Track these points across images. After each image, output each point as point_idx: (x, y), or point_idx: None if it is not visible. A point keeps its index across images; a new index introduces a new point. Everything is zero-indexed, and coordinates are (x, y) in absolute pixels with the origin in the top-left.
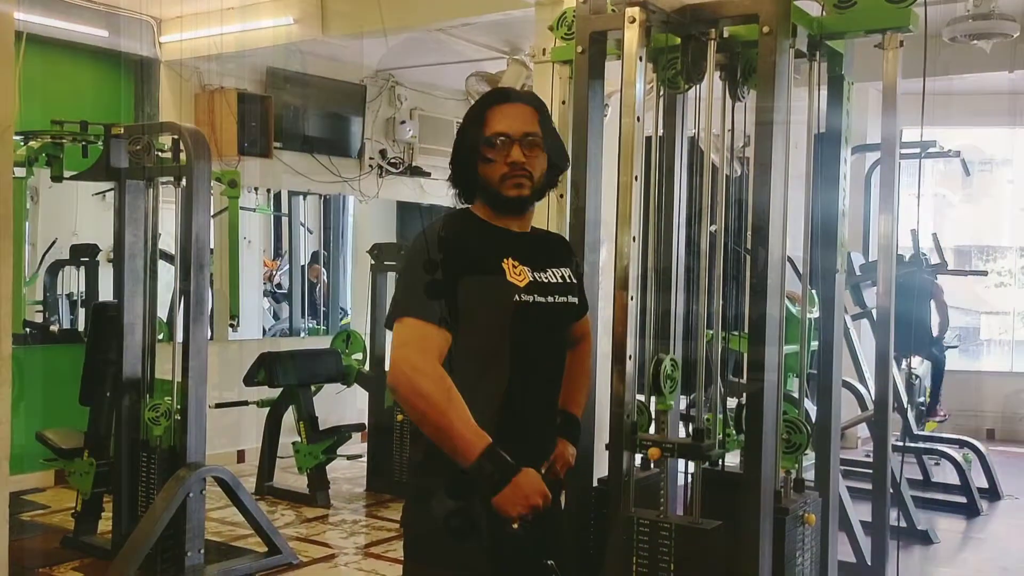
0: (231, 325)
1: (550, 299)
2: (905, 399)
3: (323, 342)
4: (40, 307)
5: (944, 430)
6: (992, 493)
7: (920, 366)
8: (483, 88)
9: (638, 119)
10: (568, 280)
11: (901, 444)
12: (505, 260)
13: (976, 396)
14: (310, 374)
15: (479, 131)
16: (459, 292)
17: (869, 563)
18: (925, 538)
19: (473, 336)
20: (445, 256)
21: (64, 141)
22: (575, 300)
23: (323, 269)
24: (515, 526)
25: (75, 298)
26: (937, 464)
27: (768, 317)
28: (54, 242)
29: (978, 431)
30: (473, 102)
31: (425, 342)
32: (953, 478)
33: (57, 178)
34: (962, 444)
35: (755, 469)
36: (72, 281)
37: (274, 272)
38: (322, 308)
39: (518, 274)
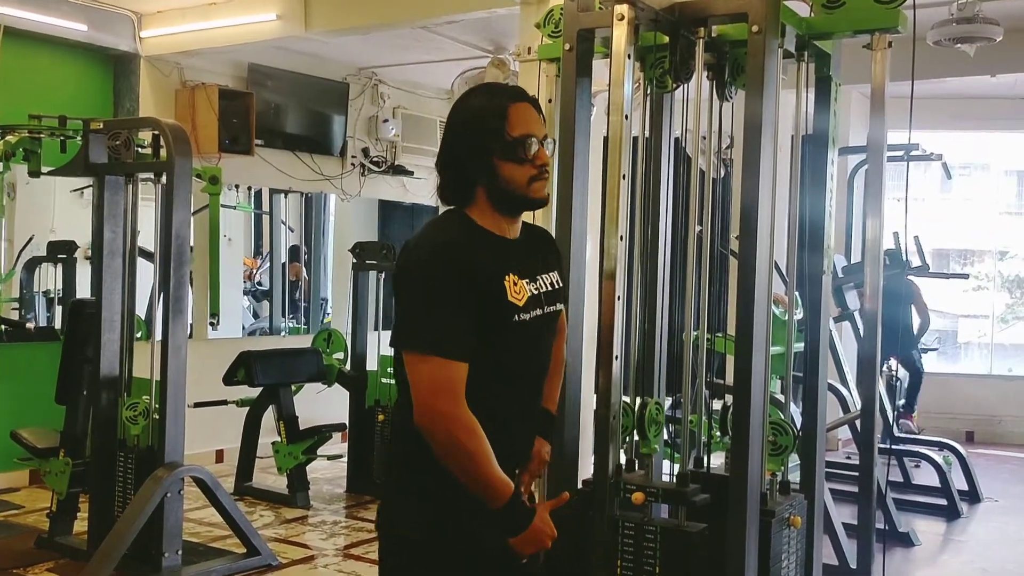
0: (211, 324)
1: (542, 310)
2: (886, 401)
3: (304, 341)
4: (16, 305)
5: (925, 432)
6: (972, 495)
7: (901, 369)
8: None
9: (626, 117)
10: (557, 286)
11: (883, 446)
12: (507, 277)
13: (955, 399)
14: (290, 373)
15: (501, 128)
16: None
17: (853, 566)
18: (907, 540)
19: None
20: (459, 275)
21: (42, 136)
22: (561, 307)
23: (304, 267)
24: (524, 561)
25: (52, 295)
26: (917, 466)
27: (754, 319)
28: (31, 239)
29: (957, 433)
30: (478, 96)
31: (454, 385)
32: (934, 480)
33: (35, 173)
34: (942, 446)
35: (741, 471)
36: (49, 278)
37: (254, 271)
38: (303, 307)
39: (518, 292)
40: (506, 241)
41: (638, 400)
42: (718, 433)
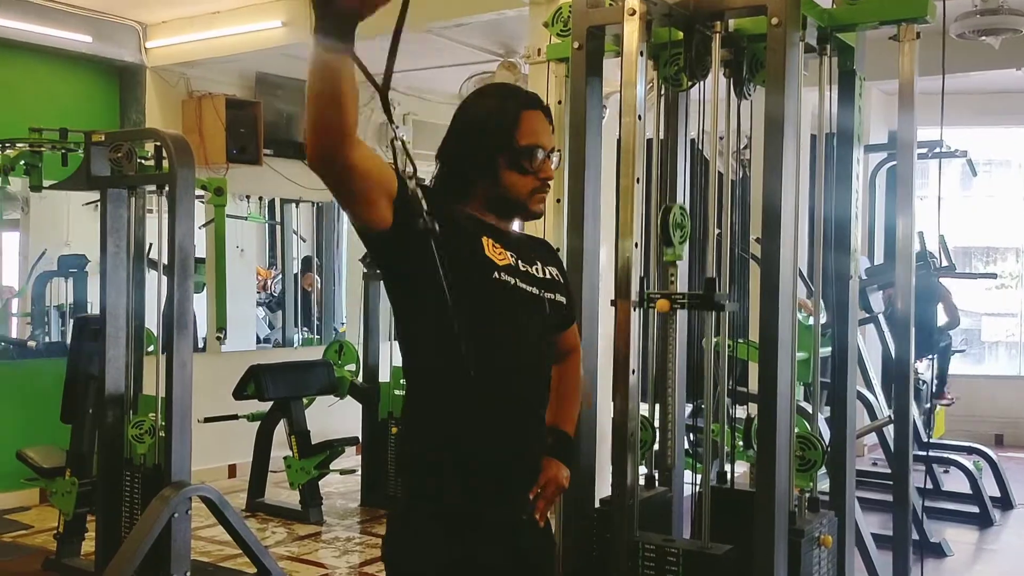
0: (217, 338)
1: (535, 290)
2: (914, 406)
3: (317, 352)
4: (29, 320)
5: (952, 436)
6: (1005, 502)
7: (927, 371)
8: None
9: (639, 118)
10: (557, 279)
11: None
12: (484, 239)
13: (982, 401)
14: (301, 386)
15: (511, 134)
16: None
17: None
18: (938, 551)
19: (445, 311)
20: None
21: (43, 149)
22: (563, 299)
23: (317, 277)
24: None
25: (64, 310)
26: (947, 472)
27: (779, 325)
28: (43, 253)
29: (985, 437)
30: (491, 96)
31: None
32: (964, 487)
33: (36, 187)
34: (972, 451)
35: (768, 489)
36: (62, 293)
37: (269, 281)
38: (316, 318)
39: (498, 253)
40: (495, 226)
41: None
42: (740, 443)
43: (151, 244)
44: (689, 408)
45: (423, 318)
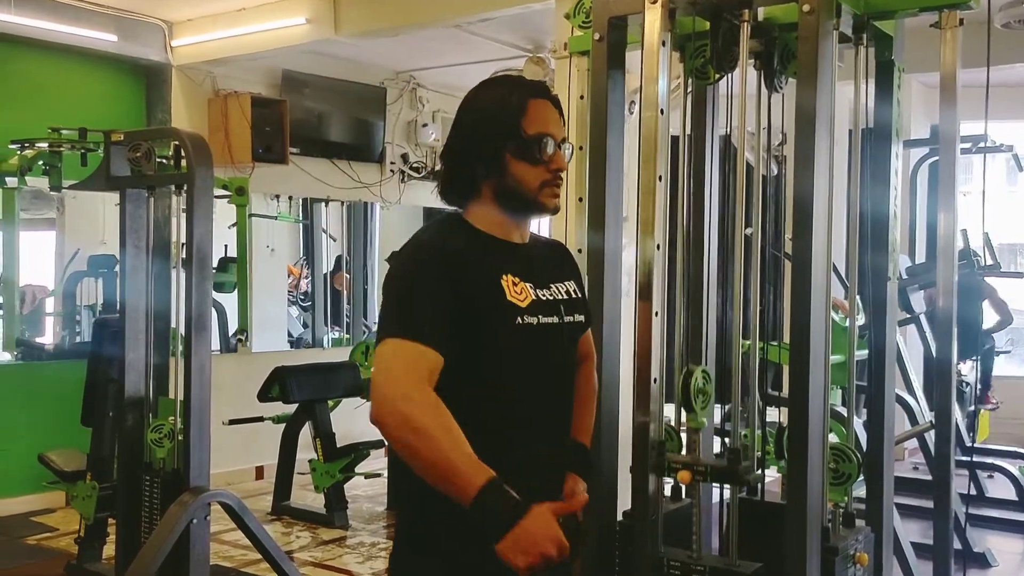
0: (239, 340)
1: (555, 319)
2: (957, 410)
3: (347, 353)
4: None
5: (997, 439)
6: None
7: (970, 373)
8: None
9: (661, 111)
10: (573, 295)
11: (956, 458)
12: (504, 277)
13: None
14: (326, 389)
15: (517, 123)
16: (452, 312)
17: None
18: (982, 561)
19: (469, 366)
20: (436, 270)
21: (62, 149)
22: (582, 318)
23: (347, 276)
24: None
25: (97, 310)
26: (991, 478)
27: (812, 326)
28: (76, 252)
29: None
30: (496, 86)
31: (413, 364)
32: (1009, 493)
33: (56, 187)
34: (1018, 456)
35: (799, 504)
36: (92, 293)
37: (300, 280)
38: (346, 317)
39: (519, 292)
40: (509, 245)
41: (682, 436)
42: (772, 448)
43: (184, 245)
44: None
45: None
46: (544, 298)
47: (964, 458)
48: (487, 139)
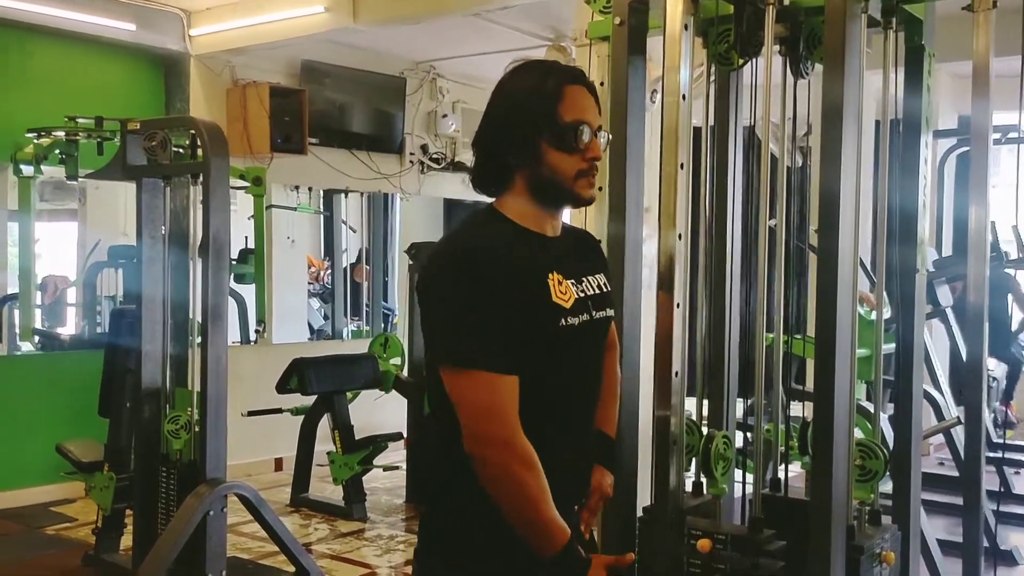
0: (256, 331)
1: (591, 316)
2: (984, 405)
3: (365, 345)
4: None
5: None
6: None
7: (997, 368)
8: None
9: (683, 97)
10: (604, 289)
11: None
12: (550, 275)
13: None
14: (345, 380)
15: (553, 109)
16: (509, 316)
17: None
18: (1009, 559)
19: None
20: (493, 277)
21: (78, 138)
22: (612, 312)
23: (368, 267)
24: None
25: (118, 300)
26: (1018, 474)
27: (837, 320)
28: (97, 243)
29: None
30: (531, 72)
31: (506, 404)
32: None
33: (72, 176)
34: None
35: (823, 502)
36: (113, 283)
37: (321, 272)
38: (367, 309)
39: (563, 292)
40: (546, 239)
41: (703, 430)
42: (796, 443)
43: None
44: (741, 406)
45: None
46: (582, 295)
47: (992, 454)
48: (521, 127)
